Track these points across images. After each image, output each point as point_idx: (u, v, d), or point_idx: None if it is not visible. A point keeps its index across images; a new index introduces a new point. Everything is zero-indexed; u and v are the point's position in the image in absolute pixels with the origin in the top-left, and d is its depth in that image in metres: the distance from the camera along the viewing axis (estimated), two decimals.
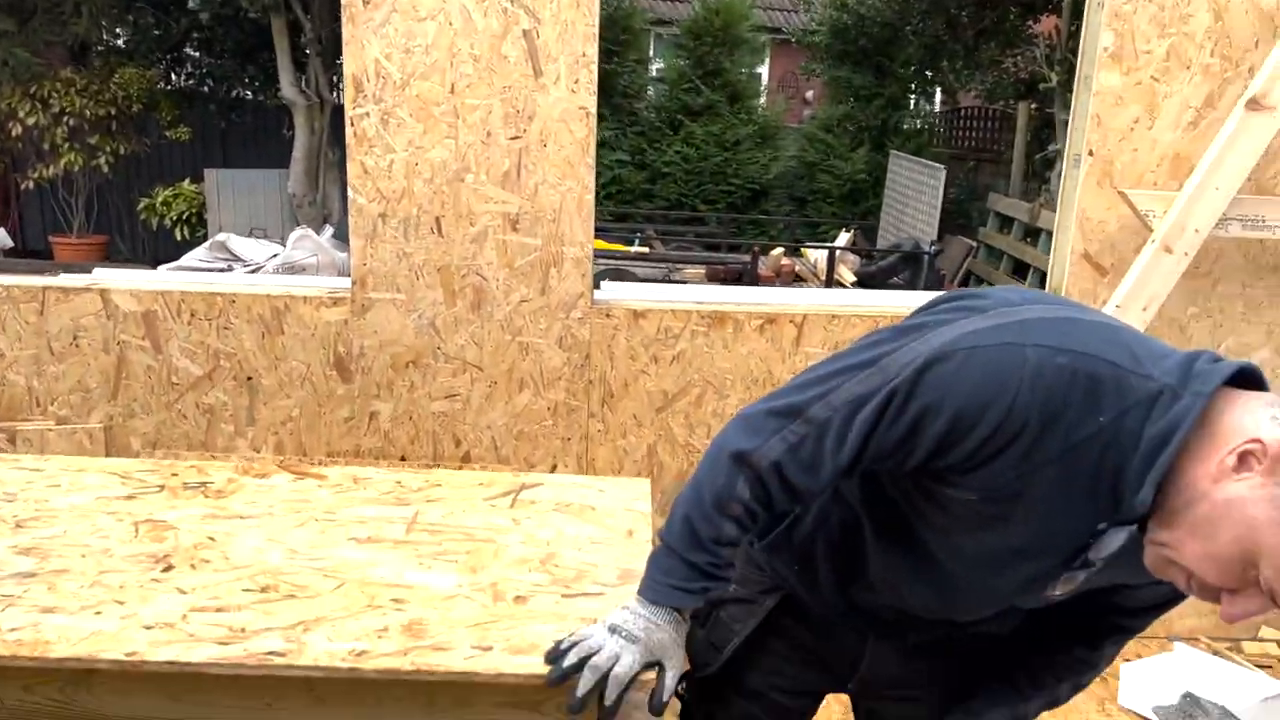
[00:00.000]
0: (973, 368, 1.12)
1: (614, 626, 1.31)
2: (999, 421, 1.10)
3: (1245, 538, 1.04)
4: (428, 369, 3.01)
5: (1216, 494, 1.07)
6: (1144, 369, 1.11)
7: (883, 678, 1.53)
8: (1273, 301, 3.03)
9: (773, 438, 1.22)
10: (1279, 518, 1.03)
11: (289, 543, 1.58)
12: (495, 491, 1.81)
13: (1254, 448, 1.05)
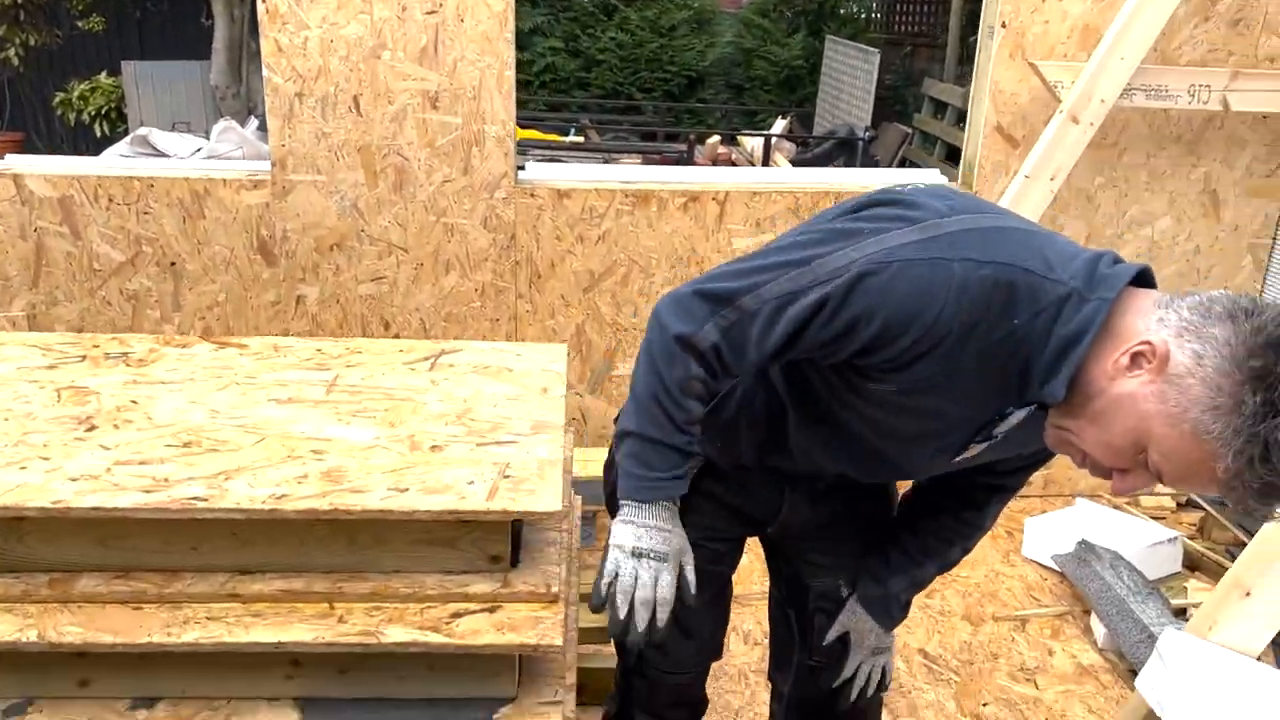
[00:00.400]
0: (903, 281, 1.19)
1: (637, 550, 1.36)
2: (924, 331, 1.20)
3: (1137, 428, 1.17)
4: (352, 252, 3.02)
5: (1113, 390, 1.18)
6: (1055, 274, 1.20)
7: (799, 522, 1.66)
8: (1175, 171, 3.14)
9: (707, 322, 1.29)
10: (1166, 410, 1.14)
11: (211, 404, 1.63)
12: (415, 357, 1.86)
13: (1144, 349, 1.16)
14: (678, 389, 1.33)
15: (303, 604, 1.38)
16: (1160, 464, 1.17)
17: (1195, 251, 3.24)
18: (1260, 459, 1.10)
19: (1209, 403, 1.11)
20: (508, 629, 1.36)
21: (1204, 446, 1.13)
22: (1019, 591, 2.97)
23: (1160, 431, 1.15)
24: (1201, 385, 1.12)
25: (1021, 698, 2.53)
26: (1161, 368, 1.15)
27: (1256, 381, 1.10)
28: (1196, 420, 1.12)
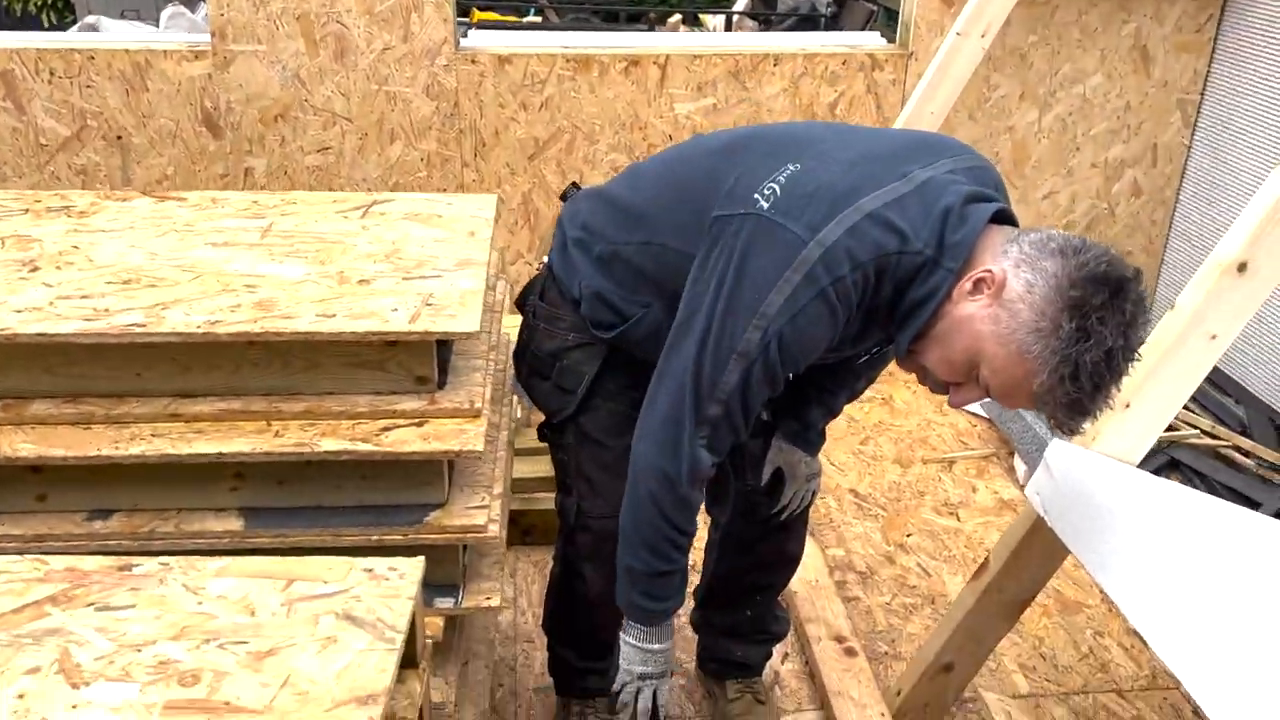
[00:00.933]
0: (808, 326, 1.36)
1: (643, 675, 1.66)
2: (836, 337, 1.41)
3: (972, 347, 1.34)
4: (297, 122, 3.06)
5: (955, 312, 1.35)
6: (911, 245, 1.35)
7: None
8: (1106, 27, 3.20)
9: (699, 452, 1.46)
10: (998, 331, 1.30)
11: (150, 248, 1.71)
12: (348, 206, 1.94)
13: (986, 275, 1.32)
14: (688, 523, 1.53)
15: (242, 422, 1.49)
16: (989, 379, 1.34)
17: (1126, 108, 3.32)
18: (1070, 378, 1.26)
19: (1033, 326, 1.27)
20: (433, 439, 1.48)
21: (1026, 365, 1.29)
22: (949, 437, 3.13)
23: (991, 350, 1.31)
24: (1029, 310, 1.27)
25: (944, 529, 2.71)
26: (998, 294, 1.30)
27: (1073, 310, 1.25)
28: (1022, 341, 1.28)
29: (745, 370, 1.39)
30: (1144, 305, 1.30)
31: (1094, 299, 1.24)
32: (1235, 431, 2.93)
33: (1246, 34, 3.11)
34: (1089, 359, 1.25)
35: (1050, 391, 1.28)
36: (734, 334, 1.38)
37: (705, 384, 1.41)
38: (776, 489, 1.86)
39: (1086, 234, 3.48)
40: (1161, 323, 1.81)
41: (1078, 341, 1.25)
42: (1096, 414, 1.33)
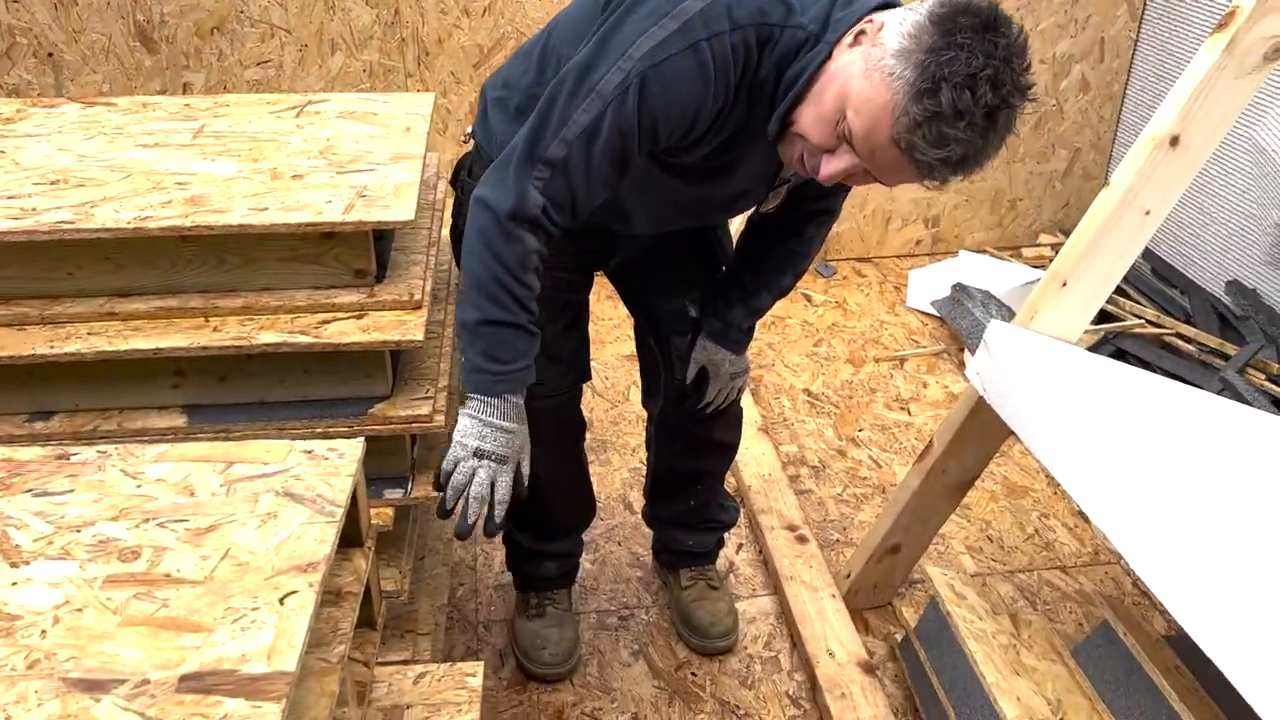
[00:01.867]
0: (676, 76, 1.29)
1: (479, 451, 1.40)
2: (709, 109, 1.33)
3: (841, 91, 1.27)
4: (234, 35, 2.99)
5: (831, 67, 1.30)
6: (795, 19, 1.32)
7: (635, 257, 1.77)
8: None
9: (528, 187, 1.33)
10: (866, 69, 1.25)
11: (78, 150, 1.68)
12: (282, 106, 1.91)
13: (867, 25, 1.28)
14: (519, 266, 1.36)
15: (179, 319, 1.49)
16: (853, 121, 1.26)
17: (1072, 3, 3.30)
18: (928, 93, 1.19)
19: (898, 47, 1.22)
20: (373, 330, 1.48)
21: (888, 90, 1.22)
22: (900, 336, 3.17)
23: (857, 86, 1.25)
24: (897, 38, 1.23)
25: (894, 423, 2.76)
26: (874, 36, 1.27)
27: (938, 25, 1.20)
28: (886, 66, 1.22)
29: (599, 113, 1.30)
30: (1022, 57, 1.23)
31: (962, 19, 1.20)
32: (1180, 321, 2.99)
33: None
34: (950, 73, 1.18)
35: (916, 113, 1.20)
36: (595, 71, 1.31)
37: (555, 119, 1.33)
38: (702, 386, 1.87)
39: (1035, 130, 3.50)
40: (1097, 200, 1.83)
41: (939, 52, 1.19)
42: (962, 152, 1.23)
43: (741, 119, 1.38)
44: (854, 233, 3.58)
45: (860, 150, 1.29)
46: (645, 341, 1.93)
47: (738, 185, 1.52)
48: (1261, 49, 1.68)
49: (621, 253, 1.77)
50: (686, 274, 1.82)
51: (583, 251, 1.70)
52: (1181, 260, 3.24)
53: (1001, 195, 3.59)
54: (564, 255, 1.56)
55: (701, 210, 1.63)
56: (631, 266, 1.81)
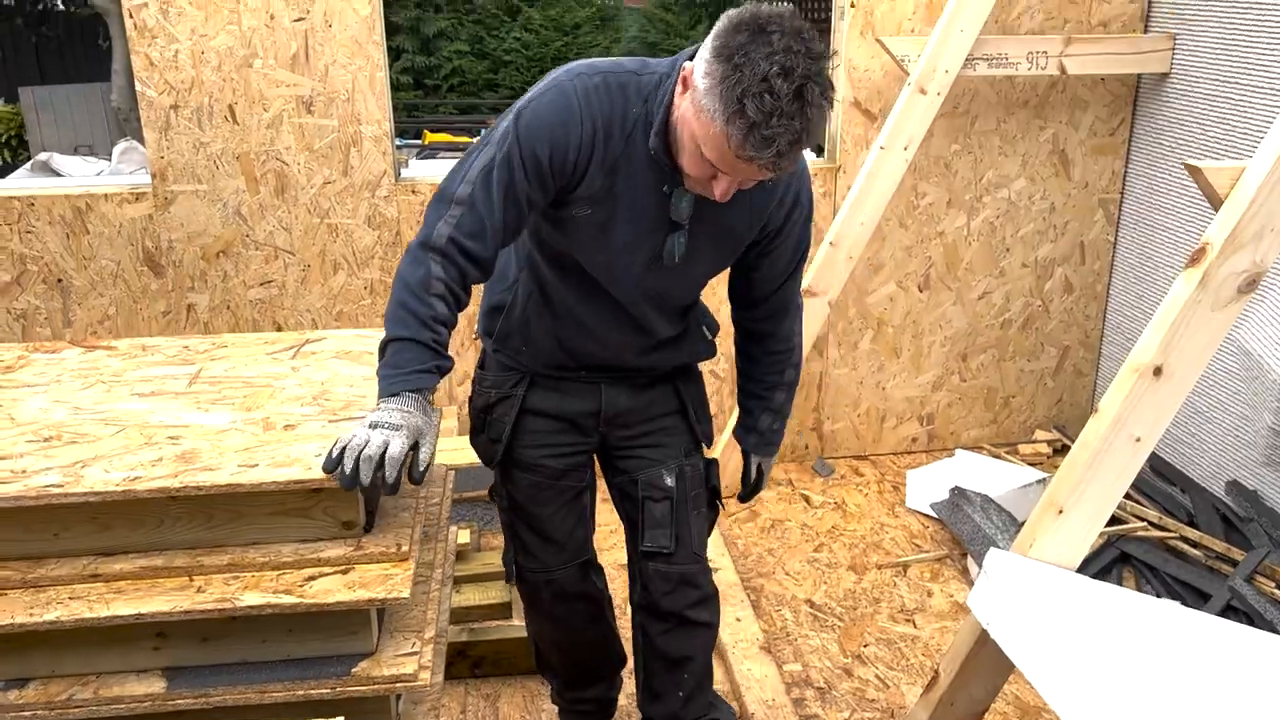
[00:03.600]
0: (544, 107, 1.56)
1: (374, 423, 1.46)
2: (578, 135, 1.55)
3: (688, 134, 1.49)
4: (239, 257, 3.08)
5: (675, 114, 1.53)
6: (649, 69, 1.59)
7: (620, 410, 1.88)
8: (1025, 134, 3.33)
9: (439, 223, 1.56)
10: (695, 111, 1.45)
11: (74, 402, 1.70)
12: (279, 347, 1.94)
13: (685, 73, 1.49)
14: (420, 288, 1.54)
15: (163, 579, 1.46)
16: (707, 153, 1.46)
17: (1051, 209, 3.43)
18: (737, 114, 1.38)
19: (704, 87, 1.41)
20: (359, 586, 1.46)
21: (713, 123, 1.41)
22: (902, 540, 3.13)
23: (695, 127, 1.46)
24: (701, 78, 1.42)
25: (900, 636, 2.69)
26: (691, 81, 1.47)
27: (721, 54, 1.39)
28: (703, 104, 1.42)
29: (491, 154, 1.56)
30: (801, 36, 1.39)
31: (735, 40, 1.38)
32: (1182, 521, 2.96)
33: (1156, 135, 3.25)
34: (744, 89, 1.36)
35: (737, 133, 1.39)
36: (494, 130, 1.60)
37: (463, 167, 1.59)
38: (758, 487, 2.10)
39: (1023, 330, 3.56)
40: (1086, 428, 1.84)
41: (730, 76, 1.38)
42: (789, 140, 1.39)
43: (613, 158, 1.58)
44: (849, 431, 3.59)
45: (724, 170, 1.48)
46: (626, 519, 1.99)
47: (629, 232, 1.64)
48: (1234, 283, 1.72)
49: (605, 411, 1.88)
50: (671, 442, 1.93)
51: (569, 417, 1.86)
52: (1180, 459, 3.23)
53: (994, 393, 3.62)
54: (553, 430, 1.86)
55: (619, 274, 1.71)
56: (618, 430, 1.91)
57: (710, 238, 1.68)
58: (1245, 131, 2.87)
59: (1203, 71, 3.03)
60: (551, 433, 1.87)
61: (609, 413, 1.88)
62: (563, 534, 1.94)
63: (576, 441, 1.89)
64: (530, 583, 1.99)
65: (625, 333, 1.79)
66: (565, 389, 1.85)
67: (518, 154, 1.54)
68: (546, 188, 1.58)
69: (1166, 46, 3.13)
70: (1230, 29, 2.90)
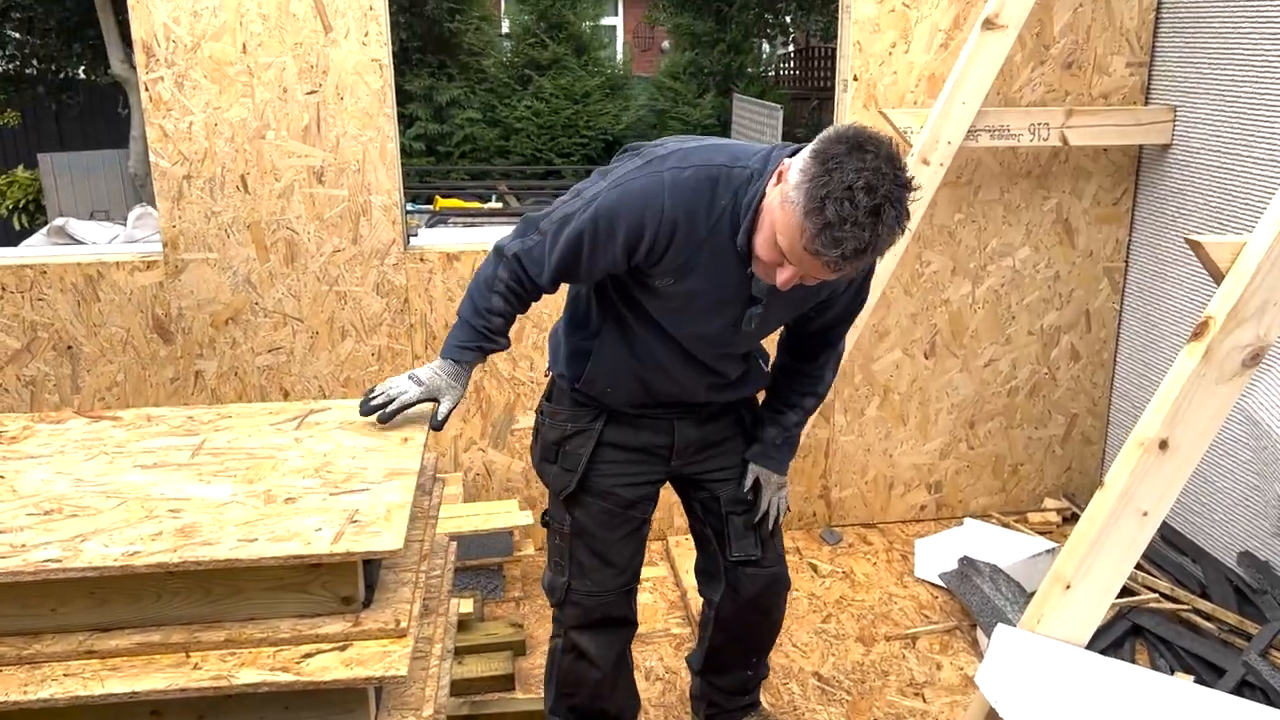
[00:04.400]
0: (629, 194, 1.73)
1: (410, 375, 1.93)
2: (657, 224, 1.72)
3: (770, 221, 1.64)
4: (248, 324, 3.11)
5: (765, 202, 1.67)
6: (741, 163, 1.72)
7: (691, 441, 2.08)
8: (1028, 203, 3.35)
9: (517, 239, 1.87)
10: (781, 202, 1.60)
11: (76, 474, 1.70)
12: (283, 418, 1.95)
13: (783, 168, 1.64)
14: (485, 284, 1.89)
15: (160, 655, 1.45)
16: (780, 241, 1.61)
17: (1055, 278, 3.44)
18: (817, 211, 1.52)
19: (795, 181, 1.56)
20: (356, 664, 1.44)
21: (793, 215, 1.56)
22: (910, 611, 3.09)
23: (778, 215, 1.61)
24: (796, 174, 1.57)
25: (910, 711, 2.64)
26: (785, 175, 1.61)
27: (817, 158, 1.54)
28: (790, 196, 1.56)
29: (573, 209, 1.77)
30: (895, 163, 1.54)
31: (834, 149, 1.53)
32: (1194, 593, 2.91)
33: (1159, 205, 3.27)
34: (829, 192, 1.51)
35: (811, 228, 1.53)
36: (586, 189, 1.80)
37: (554, 208, 1.82)
38: (757, 497, 2.16)
39: (1030, 398, 3.55)
40: (1093, 501, 1.82)
41: (820, 178, 1.52)
42: (855, 246, 1.53)
43: (697, 244, 1.73)
44: (857, 498, 3.57)
45: (791, 260, 1.62)
46: (704, 534, 2.20)
47: (707, 301, 1.83)
48: (1238, 357, 1.72)
49: (677, 443, 2.07)
50: (734, 462, 2.14)
51: (644, 449, 2.06)
52: (1190, 528, 3.19)
53: (1002, 460, 3.60)
54: (628, 461, 2.06)
55: (694, 332, 1.91)
56: (689, 458, 2.10)
57: (783, 303, 1.85)
58: (1247, 202, 2.89)
59: (1204, 143, 3.06)
60: (626, 463, 2.06)
61: (680, 444, 2.07)
62: (623, 560, 2.12)
63: (649, 472, 2.08)
64: (585, 606, 2.13)
65: (701, 375, 1.98)
66: (641, 424, 2.04)
67: (592, 223, 1.74)
68: (615, 260, 1.77)
69: (1167, 118, 3.17)
70: (1230, 101, 2.94)
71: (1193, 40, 3.07)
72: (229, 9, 2.87)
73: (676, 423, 2.06)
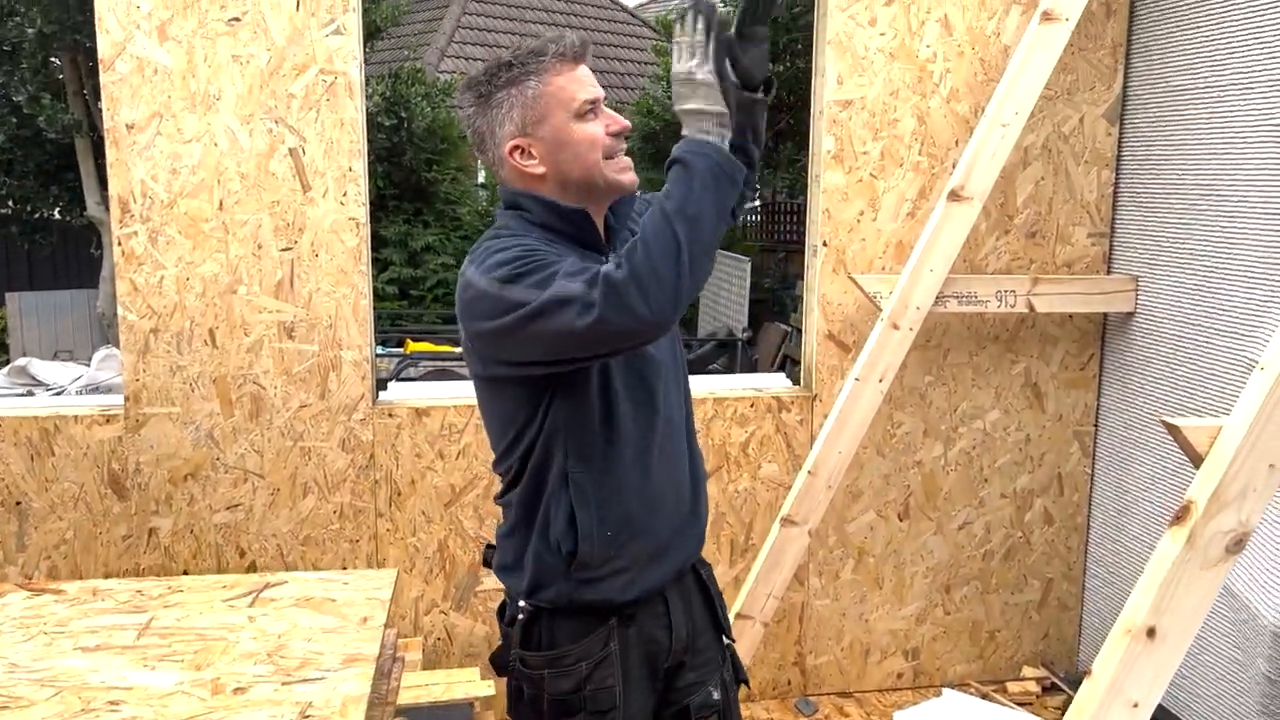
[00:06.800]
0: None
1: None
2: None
3: (560, 132, 1.62)
4: (207, 480, 3.02)
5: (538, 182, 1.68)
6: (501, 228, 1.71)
7: (684, 633, 1.76)
8: (997, 367, 3.38)
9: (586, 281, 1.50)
10: (544, 120, 1.62)
11: (11, 658, 1.59)
12: (237, 592, 1.86)
13: (512, 148, 1.63)
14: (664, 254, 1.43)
15: None
16: (575, 105, 1.60)
17: (1026, 440, 3.44)
18: (539, 66, 1.60)
19: (520, 104, 1.61)
20: None
21: (547, 86, 1.59)
22: None
23: (556, 115, 1.60)
24: (516, 113, 1.61)
25: None
26: (525, 144, 1.63)
27: (497, 91, 1.62)
28: (534, 100, 1.60)
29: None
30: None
31: (483, 89, 1.62)
32: None
33: (1125, 372, 3.31)
34: (518, 60, 1.60)
35: (553, 60, 1.60)
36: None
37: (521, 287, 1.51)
38: None
39: (1005, 562, 3.49)
40: (1080, 692, 1.76)
41: (511, 79, 1.60)
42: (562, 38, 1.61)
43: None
44: (833, 666, 3.46)
45: (590, 95, 1.61)
46: None
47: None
48: (1222, 542, 1.70)
49: (675, 628, 1.74)
50: (707, 661, 1.81)
51: (650, 651, 1.71)
52: (1174, 703, 3.11)
53: (980, 626, 3.51)
54: (639, 692, 1.67)
55: (659, 381, 1.70)
56: (678, 655, 1.76)
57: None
58: (1211, 373, 2.93)
59: (1167, 313, 3.12)
60: (637, 685, 1.69)
61: (678, 631, 1.74)
62: None
63: (647, 701, 1.73)
64: None
65: (682, 468, 1.73)
66: (640, 618, 1.69)
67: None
68: None
69: (1130, 288, 3.24)
70: (1190, 274, 3.01)
71: (1151, 214, 3.18)
72: (208, 167, 2.90)
73: (670, 603, 1.74)
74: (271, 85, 2.89)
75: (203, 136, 2.89)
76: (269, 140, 2.91)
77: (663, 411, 1.69)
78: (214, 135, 2.89)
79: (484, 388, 1.76)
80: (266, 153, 2.92)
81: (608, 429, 1.63)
